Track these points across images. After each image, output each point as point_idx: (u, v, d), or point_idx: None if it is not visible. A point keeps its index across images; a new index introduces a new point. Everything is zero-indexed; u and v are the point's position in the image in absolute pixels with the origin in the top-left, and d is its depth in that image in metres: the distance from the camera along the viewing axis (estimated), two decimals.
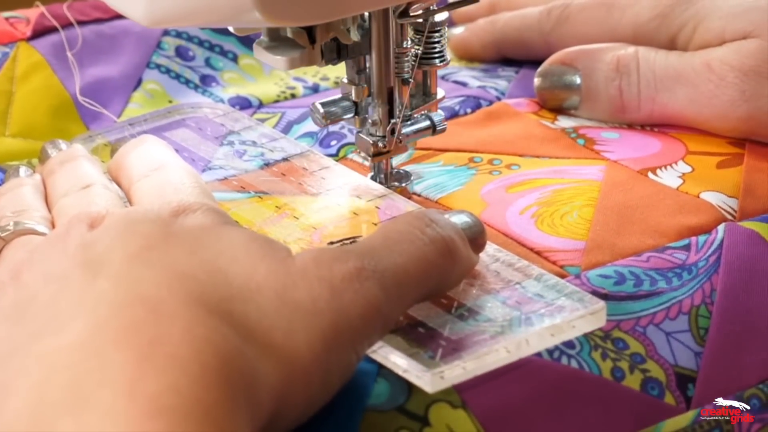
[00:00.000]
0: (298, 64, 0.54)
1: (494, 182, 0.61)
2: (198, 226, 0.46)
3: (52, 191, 0.55)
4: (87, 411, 0.38)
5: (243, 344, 0.41)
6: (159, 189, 0.52)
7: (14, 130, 0.66)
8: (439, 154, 0.64)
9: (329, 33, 0.54)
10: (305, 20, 0.49)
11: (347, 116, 0.58)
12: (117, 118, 0.68)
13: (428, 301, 0.48)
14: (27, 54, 0.69)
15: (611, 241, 0.55)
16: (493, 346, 0.46)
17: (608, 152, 0.63)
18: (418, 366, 0.45)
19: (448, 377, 0.45)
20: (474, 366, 0.46)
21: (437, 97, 0.60)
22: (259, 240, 0.45)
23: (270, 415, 0.41)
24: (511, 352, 0.46)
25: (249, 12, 0.45)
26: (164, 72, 0.71)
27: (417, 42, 0.58)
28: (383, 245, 0.46)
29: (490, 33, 0.72)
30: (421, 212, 0.49)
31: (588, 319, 0.48)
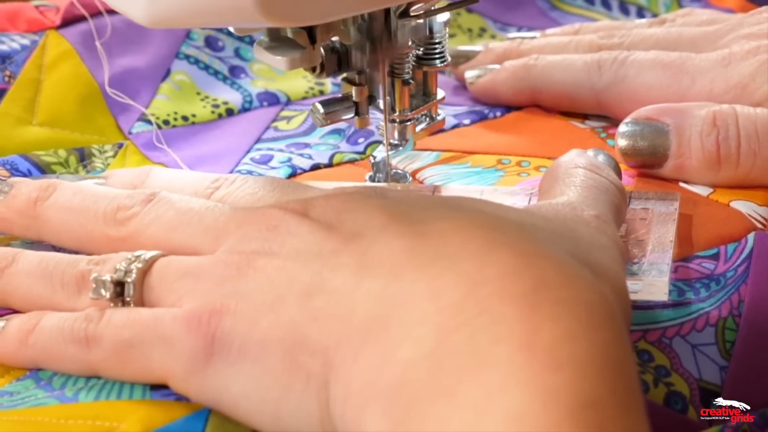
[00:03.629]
0: (298, 64, 0.54)
1: (522, 183, 0.60)
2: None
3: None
4: (487, 370, 0.38)
5: (600, 282, 0.42)
6: (264, 187, 0.52)
7: (42, 119, 0.66)
8: (466, 155, 0.64)
9: (329, 33, 0.54)
10: (305, 20, 0.49)
11: (347, 116, 0.59)
12: (145, 108, 0.67)
13: None
14: (56, 42, 0.69)
15: None
16: None
17: None
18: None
19: None
20: None
21: (437, 98, 0.60)
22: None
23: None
24: None
25: (249, 12, 0.45)
26: (193, 63, 0.71)
27: (417, 43, 0.58)
28: (590, 195, 0.50)
29: (525, 80, 0.68)
30: (594, 162, 0.53)
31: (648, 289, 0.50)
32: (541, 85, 0.68)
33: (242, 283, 0.44)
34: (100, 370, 0.47)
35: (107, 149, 0.65)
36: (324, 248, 0.44)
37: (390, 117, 0.58)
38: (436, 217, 0.44)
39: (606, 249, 0.46)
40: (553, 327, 0.38)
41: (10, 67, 0.67)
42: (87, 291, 0.48)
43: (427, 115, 0.60)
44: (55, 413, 0.45)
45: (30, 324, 0.48)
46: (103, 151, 0.65)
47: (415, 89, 0.59)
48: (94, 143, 0.65)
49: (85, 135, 0.66)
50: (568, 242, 0.44)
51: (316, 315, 0.42)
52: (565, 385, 0.37)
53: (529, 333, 0.38)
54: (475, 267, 0.41)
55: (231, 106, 0.69)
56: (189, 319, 0.44)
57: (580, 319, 0.39)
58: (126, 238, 0.50)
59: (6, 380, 0.48)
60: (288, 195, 0.50)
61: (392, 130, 0.59)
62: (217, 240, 0.47)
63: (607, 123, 0.66)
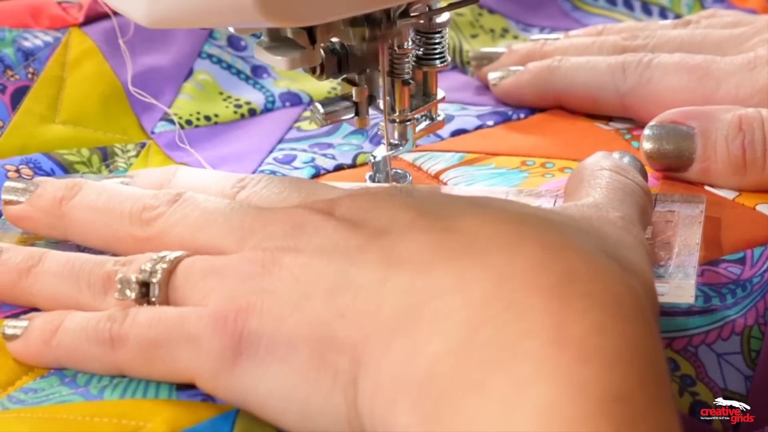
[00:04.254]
0: (298, 64, 0.54)
1: (546, 184, 0.60)
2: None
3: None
4: (517, 364, 0.38)
5: (629, 276, 0.42)
6: (291, 187, 0.52)
7: (65, 117, 0.66)
8: (490, 157, 0.64)
9: (329, 33, 0.55)
10: (305, 20, 0.50)
11: (347, 116, 0.59)
12: (168, 108, 0.67)
13: None
14: (79, 40, 0.69)
15: None
16: None
17: None
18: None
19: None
20: None
21: (437, 98, 0.60)
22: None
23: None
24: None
25: (249, 12, 0.45)
26: (216, 62, 0.71)
27: (417, 43, 0.59)
28: (616, 197, 0.50)
29: (548, 82, 0.68)
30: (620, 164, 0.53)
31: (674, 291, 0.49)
32: (564, 87, 0.67)
33: (268, 281, 0.45)
34: (126, 369, 0.47)
35: (130, 149, 0.65)
36: (350, 245, 0.44)
37: (390, 117, 0.58)
38: (463, 213, 0.44)
39: (633, 248, 0.46)
40: (582, 320, 0.38)
41: (33, 64, 0.67)
42: (113, 292, 0.48)
43: (427, 115, 0.60)
44: (80, 411, 0.45)
45: (53, 324, 0.48)
46: (126, 151, 0.65)
47: (415, 89, 0.59)
48: (116, 142, 0.65)
49: (107, 134, 0.66)
50: (595, 239, 0.45)
51: (342, 311, 0.43)
52: (595, 378, 0.37)
53: (558, 326, 0.38)
54: (503, 260, 0.41)
55: (254, 106, 0.69)
56: (215, 318, 0.44)
57: (609, 311, 0.39)
58: (151, 238, 0.50)
59: (30, 377, 0.49)
60: (313, 195, 0.50)
61: (392, 130, 0.59)
62: (242, 240, 0.47)
63: (632, 125, 0.66)
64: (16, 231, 0.55)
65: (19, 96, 0.66)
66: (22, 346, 0.49)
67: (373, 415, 0.41)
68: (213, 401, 0.45)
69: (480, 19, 0.79)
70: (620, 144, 0.64)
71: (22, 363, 0.49)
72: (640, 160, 0.57)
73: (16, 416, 0.46)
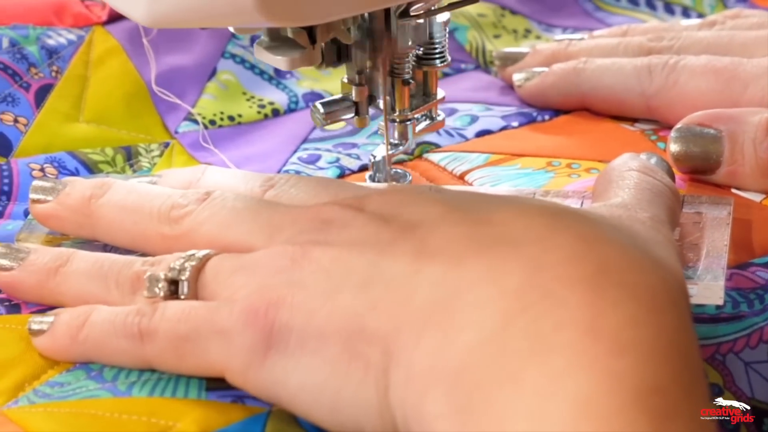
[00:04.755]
0: (298, 64, 0.55)
1: (575, 183, 0.60)
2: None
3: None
4: (551, 355, 0.38)
5: (661, 268, 0.42)
6: (314, 186, 0.52)
7: (88, 116, 0.66)
8: (515, 158, 0.63)
9: (329, 33, 0.55)
10: (305, 20, 0.50)
11: (347, 116, 0.59)
12: (191, 108, 0.67)
13: None
14: (102, 39, 0.70)
15: None
16: None
17: None
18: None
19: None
20: None
21: (437, 98, 0.60)
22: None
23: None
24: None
25: (249, 12, 0.45)
26: (239, 62, 0.71)
27: (417, 43, 0.59)
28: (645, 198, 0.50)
29: (574, 84, 0.68)
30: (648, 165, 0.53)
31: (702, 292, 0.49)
32: (590, 89, 0.67)
33: (298, 274, 0.45)
34: (156, 363, 0.47)
35: (153, 148, 0.65)
36: (381, 238, 0.44)
37: (390, 117, 0.58)
38: (495, 206, 0.44)
39: (663, 246, 0.46)
40: (616, 311, 0.38)
41: (57, 62, 0.67)
42: (141, 291, 0.48)
43: (427, 114, 0.61)
44: (108, 407, 0.46)
45: (80, 319, 0.48)
46: (150, 150, 0.65)
47: (415, 89, 0.60)
48: (140, 142, 0.65)
49: (131, 133, 0.66)
50: (626, 236, 0.45)
51: (374, 303, 0.43)
52: (630, 370, 0.37)
53: (593, 317, 0.38)
54: (537, 251, 0.41)
55: (277, 106, 0.69)
56: (246, 312, 0.44)
57: (644, 303, 0.39)
58: (180, 236, 0.50)
59: (56, 371, 0.49)
60: (342, 193, 0.50)
61: (392, 129, 0.59)
62: (271, 237, 0.47)
63: (657, 126, 0.66)
64: (42, 231, 0.55)
65: (43, 94, 0.66)
66: (48, 340, 0.49)
67: (405, 406, 0.41)
68: (243, 402, 0.45)
69: (502, 19, 0.79)
70: (646, 145, 0.64)
71: (49, 358, 0.49)
72: (667, 161, 0.57)
73: (42, 411, 0.46)
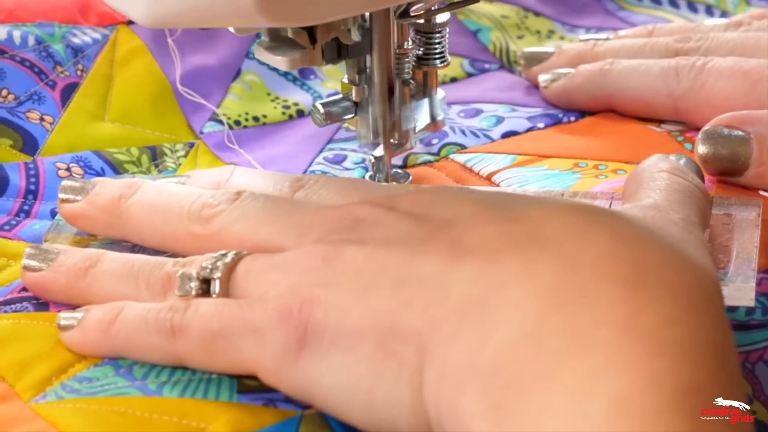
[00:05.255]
0: (298, 64, 0.55)
1: (602, 184, 0.60)
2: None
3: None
4: (589, 353, 0.38)
5: (697, 268, 0.42)
6: (344, 187, 0.52)
7: (114, 115, 0.66)
8: (542, 159, 0.63)
9: (330, 33, 0.55)
10: (306, 20, 0.50)
11: (347, 116, 0.59)
12: (216, 108, 0.67)
13: None
14: (127, 38, 0.69)
15: None
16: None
17: None
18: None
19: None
20: None
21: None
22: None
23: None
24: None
25: (249, 12, 0.45)
26: (263, 63, 0.70)
27: (418, 43, 0.59)
28: (676, 199, 0.49)
29: (600, 86, 0.67)
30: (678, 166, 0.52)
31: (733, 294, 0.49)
32: (616, 91, 0.67)
33: (331, 273, 0.45)
34: (187, 360, 0.47)
35: (178, 149, 0.65)
36: (414, 236, 0.45)
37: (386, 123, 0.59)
38: (529, 205, 0.44)
39: (696, 246, 0.46)
40: (654, 310, 0.39)
41: (82, 61, 0.67)
42: (172, 292, 0.48)
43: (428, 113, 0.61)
44: (139, 406, 0.46)
45: (112, 314, 0.48)
46: (175, 151, 0.65)
47: (415, 89, 0.60)
48: (165, 142, 0.65)
49: (156, 133, 0.66)
50: (661, 235, 0.45)
51: (408, 301, 0.43)
52: (668, 369, 0.37)
53: (631, 316, 0.38)
54: (574, 248, 0.41)
55: (302, 107, 0.69)
56: (280, 310, 0.44)
57: (681, 302, 0.39)
58: (211, 235, 0.50)
59: (84, 365, 0.49)
60: (372, 194, 0.50)
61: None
62: (302, 236, 0.47)
63: (684, 127, 0.66)
64: (69, 232, 0.55)
65: (68, 93, 0.66)
66: (78, 334, 0.49)
67: (439, 404, 0.41)
68: (275, 406, 0.45)
69: (525, 21, 0.79)
70: (673, 146, 0.64)
71: (77, 353, 0.49)
72: (696, 162, 0.57)
73: (71, 407, 0.46)
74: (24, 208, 0.59)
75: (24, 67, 0.65)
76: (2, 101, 0.64)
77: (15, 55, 0.66)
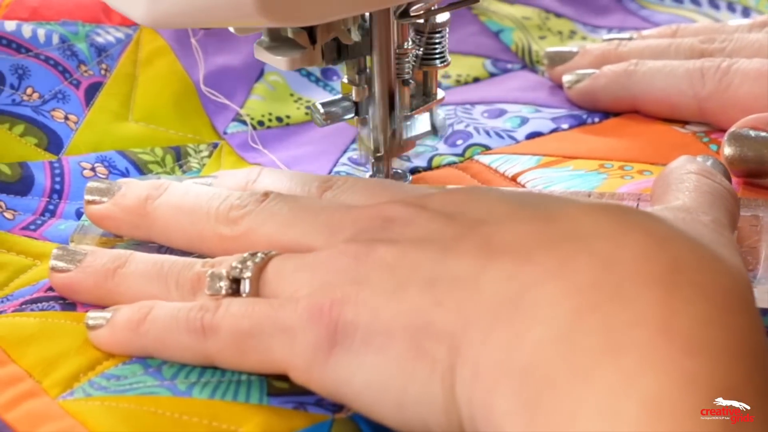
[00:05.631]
0: (298, 64, 0.55)
1: (628, 185, 0.61)
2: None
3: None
4: (623, 353, 0.38)
5: (731, 269, 0.42)
6: (371, 188, 0.52)
7: (137, 115, 0.66)
8: (567, 160, 0.63)
9: (330, 33, 0.55)
10: (306, 20, 0.50)
11: (347, 116, 0.59)
12: (240, 108, 0.67)
13: None
14: (150, 38, 0.69)
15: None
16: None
17: None
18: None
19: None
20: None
21: (437, 98, 0.60)
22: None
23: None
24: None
25: (249, 12, 0.46)
26: None
27: (417, 43, 0.59)
28: (705, 201, 0.49)
29: (625, 87, 0.67)
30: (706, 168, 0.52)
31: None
32: (641, 92, 0.67)
33: (362, 272, 0.45)
34: (217, 360, 0.47)
35: (202, 149, 0.65)
36: (446, 235, 0.44)
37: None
38: (562, 204, 0.44)
39: (727, 248, 0.46)
40: (690, 311, 0.39)
41: (106, 60, 0.67)
42: (202, 292, 0.48)
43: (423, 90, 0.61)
44: (169, 406, 0.46)
45: (141, 313, 0.49)
46: (199, 151, 0.65)
47: (415, 89, 0.60)
48: (188, 142, 0.65)
49: (179, 133, 0.66)
50: (694, 237, 0.45)
51: (440, 300, 0.42)
52: (703, 370, 0.37)
53: (665, 316, 0.38)
54: (608, 248, 0.41)
55: None
56: (311, 310, 0.44)
57: (717, 302, 0.39)
58: (239, 236, 0.50)
59: (112, 363, 0.49)
60: (401, 194, 0.50)
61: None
62: (331, 236, 0.47)
63: (709, 128, 0.66)
64: (95, 233, 0.55)
65: (92, 92, 0.66)
66: (107, 333, 0.49)
67: (472, 402, 0.41)
68: (305, 409, 0.45)
69: (547, 22, 0.79)
70: (698, 147, 0.64)
71: (105, 351, 0.49)
72: (723, 164, 0.56)
73: (100, 404, 0.46)
74: (49, 207, 0.59)
75: (48, 66, 0.65)
76: (27, 99, 0.64)
77: (40, 53, 0.66)
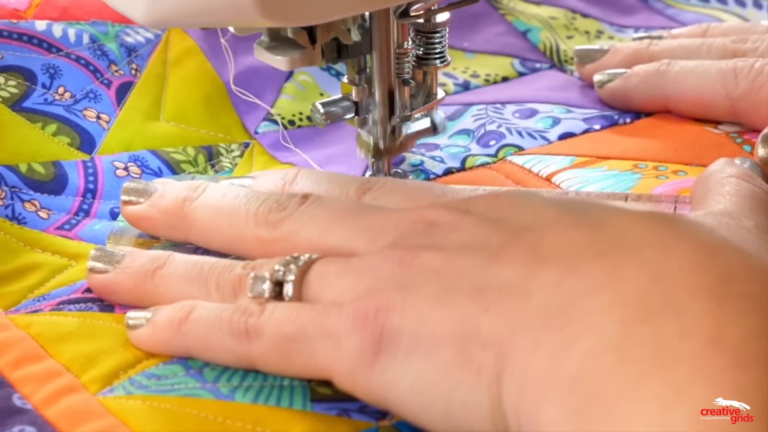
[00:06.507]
0: (298, 64, 0.55)
1: (664, 185, 0.60)
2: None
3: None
4: (674, 365, 0.38)
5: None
6: (409, 191, 0.51)
7: (168, 115, 0.66)
8: (601, 160, 0.63)
9: (330, 33, 0.55)
10: (305, 20, 0.50)
11: (348, 116, 0.59)
12: (270, 108, 0.66)
13: None
14: (179, 38, 0.69)
15: None
16: None
17: None
18: None
19: None
20: None
21: (437, 98, 0.60)
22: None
23: None
24: None
25: (249, 12, 0.45)
26: None
27: (418, 42, 0.59)
28: (747, 205, 0.48)
29: (658, 87, 0.67)
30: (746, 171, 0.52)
31: None
32: (674, 92, 0.67)
33: (408, 278, 0.44)
34: (260, 363, 0.47)
35: (234, 148, 0.65)
36: (492, 241, 0.44)
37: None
38: (609, 210, 0.44)
39: None
40: (741, 322, 0.38)
41: (136, 60, 0.67)
42: (242, 294, 0.47)
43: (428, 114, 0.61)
44: (212, 409, 0.45)
45: (183, 312, 0.48)
46: (230, 151, 0.64)
47: (415, 89, 0.60)
48: (220, 142, 0.65)
49: (210, 133, 0.65)
50: (741, 245, 0.44)
51: (487, 307, 0.42)
52: (754, 383, 0.37)
53: (717, 328, 0.38)
54: (658, 257, 0.41)
55: None
56: (356, 315, 0.44)
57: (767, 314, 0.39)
58: (279, 239, 0.49)
59: (153, 362, 0.48)
60: (443, 197, 0.49)
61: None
62: (374, 240, 0.47)
63: (742, 128, 0.66)
64: (132, 234, 0.55)
65: (123, 91, 0.66)
66: (148, 332, 0.49)
67: (519, 411, 0.41)
68: (349, 416, 0.45)
69: (574, 22, 0.78)
70: (732, 148, 0.64)
71: (146, 351, 0.48)
72: (760, 166, 0.56)
73: (141, 403, 0.46)
74: (83, 207, 0.59)
75: (80, 65, 0.65)
76: (59, 99, 0.63)
77: (71, 53, 0.65)
